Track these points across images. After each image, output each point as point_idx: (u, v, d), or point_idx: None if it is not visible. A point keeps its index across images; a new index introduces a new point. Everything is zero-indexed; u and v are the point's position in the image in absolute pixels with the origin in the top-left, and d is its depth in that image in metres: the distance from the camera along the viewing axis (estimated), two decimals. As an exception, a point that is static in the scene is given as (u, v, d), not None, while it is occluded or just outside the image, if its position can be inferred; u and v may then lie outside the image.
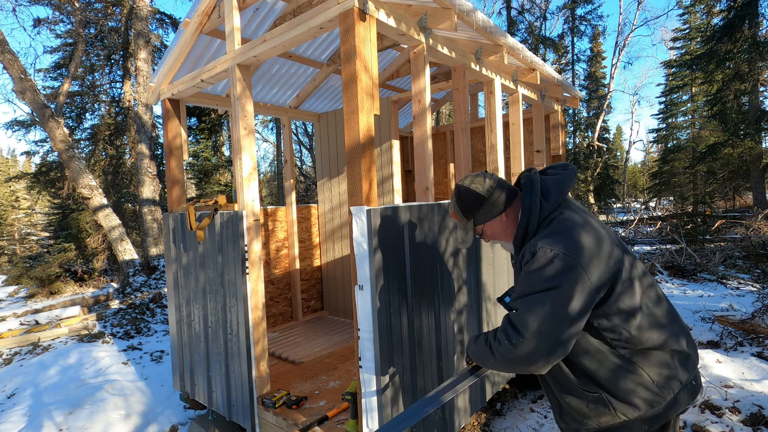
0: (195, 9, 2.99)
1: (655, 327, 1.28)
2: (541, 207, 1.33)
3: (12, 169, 34.87)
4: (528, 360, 1.21)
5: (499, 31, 2.96)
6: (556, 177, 1.39)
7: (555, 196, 1.34)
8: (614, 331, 1.27)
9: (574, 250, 1.22)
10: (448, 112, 18.91)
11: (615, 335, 1.27)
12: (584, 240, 1.24)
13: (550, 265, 1.21)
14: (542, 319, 1.19)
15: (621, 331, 1.26)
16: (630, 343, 1.27)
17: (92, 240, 9.89)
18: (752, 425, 2.51)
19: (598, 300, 1.24)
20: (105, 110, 13.20)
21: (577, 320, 1.19)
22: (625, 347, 1.28)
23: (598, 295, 1.22)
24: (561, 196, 1.35)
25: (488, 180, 1.46)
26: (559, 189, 1.35)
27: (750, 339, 4.21)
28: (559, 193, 1.35)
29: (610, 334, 1.27)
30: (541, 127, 4.49)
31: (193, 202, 3.08)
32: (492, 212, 1.44)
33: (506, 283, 3.41)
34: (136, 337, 5.96)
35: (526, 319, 1.21)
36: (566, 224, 1.29)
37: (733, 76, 11.51)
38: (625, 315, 1.26)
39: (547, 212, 1.33)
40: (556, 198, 1.34)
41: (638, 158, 62.31)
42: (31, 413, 3.83)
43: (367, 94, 2.13)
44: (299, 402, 2.67)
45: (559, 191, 1.35)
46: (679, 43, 20.79)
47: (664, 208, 18.27)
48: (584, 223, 1.29)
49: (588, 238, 1.25)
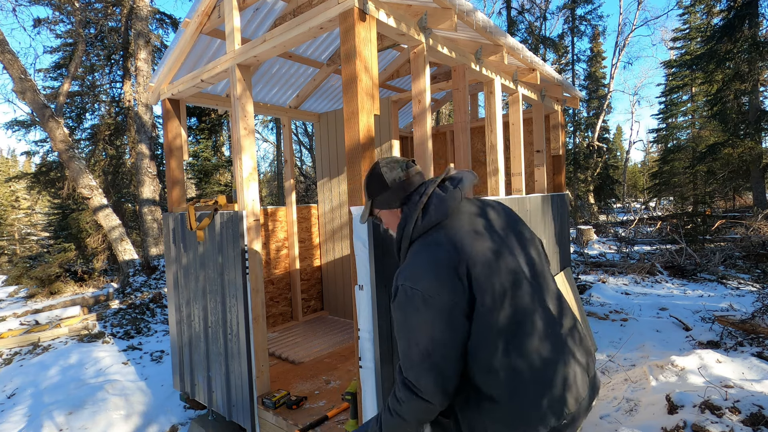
0: (195, 9, 2.99)
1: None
2: (415, 224, 1.29)
3: (12, 169, 34.87)
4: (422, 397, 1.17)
5: (499, 31, 2.96)
6: (440, 196, 1.32)
7: (433, 216, 1.28)
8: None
9: (417, 279, 1.18)
10: (448, 112, 18.91)
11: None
12: (428, 265, 1.19)
13: (403, 299, 1.19)
14: (419, 350, 1.16)
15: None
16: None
17: (92, 240, 9.89)
18: (752, 425, 2.51)
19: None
20: (105, 110, 13.20)
21: (447, 344, 1.16)
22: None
23: (461, 312, 1.17)
24: (439, 216, 1.28)
25: (401, 171, 1.39)
26: (439, 209, 1.28)
27: (750, 339, 4.21)
28: (437, 212, 1.28)
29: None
30: (541, 127, 4.49)
31: (193, 202, 3.08)
32: (389, 203, 1.40)
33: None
34: (136, 337, 5.96)
35: (406, 356, 1.19)
36: (420, 248, 1.26)
37: (733, 76, 11.51)
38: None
39: (420, 230, 1.29)
40: (433, 217, 1.28)
41: (638, 158, 62.42)
42: (31, 413, 3.83)
43: (367, 95, 2.13)
44: (299, 402, 2.67)
45: (439, 211, 1.28)
46: (679, 43, 20.78)
47: (664, 208, 18.29)
48: (436, 245, 1.23)
49: (433, 262, 1.20)
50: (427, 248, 1.24)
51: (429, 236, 1.27)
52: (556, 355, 1.22)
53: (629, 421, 2.93)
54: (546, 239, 4.33)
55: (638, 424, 2.82)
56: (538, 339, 1.21)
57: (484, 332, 1.17)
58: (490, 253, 1.23)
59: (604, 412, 3.17)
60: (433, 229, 1.28)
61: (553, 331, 1.25)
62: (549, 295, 1.31)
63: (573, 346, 1.28)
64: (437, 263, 1.19)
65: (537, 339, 1.21)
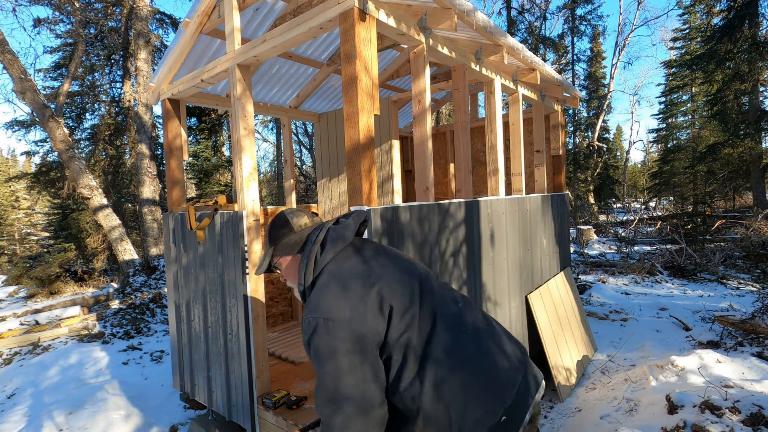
0: (195, 9, 2.99)
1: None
2: (315, 261, 1.33)
3: (12, 169, 34.87)
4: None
5: (499, 31, 2.96)
6: (335, 229, 1.38)
7: (329, 250, 1.33)
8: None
9: (329, 309, 1.19)
10: (448, 112, 18.91)
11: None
12: (336, 294, 1.22)
13: (318, 331, 1.19)
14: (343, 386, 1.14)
15: None
16: None
17: (92, 240, 9.89)
18: (752, 425, 2.51)
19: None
20: (105, 110, 13.20)
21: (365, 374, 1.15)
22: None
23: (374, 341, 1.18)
24: (336, 248, 1.34)
25: (307, 218, 1.48)
26: (335, 242, 1.34)
27: (750, 339, 4.21)
28: (334, 245, 1.34)
29: None
30: (541, 127, 4.49)
31: (193, 202, 3.08)
32: (291, 248, 1.44)
33: (506, 283, 3.41)
34: (136, 337, 5.96)
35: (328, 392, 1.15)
36: (323, 282, 1.28)
37: (733, 76, 11.52)
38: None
39: (320, 265, 1.32)
40: (330, 252, 1.33)
41: (638, 158, 62.44)
42: (31, 413, 3.84)
43: (367, 95, 2.13)
44: (299, 402, 2.67)
45: (335, 245, 1.34)
46: (679, 43, 20.79)
47: (664, 208, 18.30)
48: (338, 273, 1.28)
49: (340, 289, 1.23)
50: (332, 280, 1.27)
51: (329, 271, 1.30)
52: (479, 352, 1.25)
53: (629, 421, 2.93)
54: (546, 239, 4.33)
55: (638, 424, 2.82)
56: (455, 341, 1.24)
57: (397, 351, 1.20)
58: (390, 277, 1.28)
59: (604, 412, 3.17)
60: (331, 262, 1.32)
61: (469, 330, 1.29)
62: (451, 299, 1.35)
63: (493, 342, 1.30)
64: (345, 291, 1.22)
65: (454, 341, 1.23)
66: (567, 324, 4.16)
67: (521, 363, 1.29)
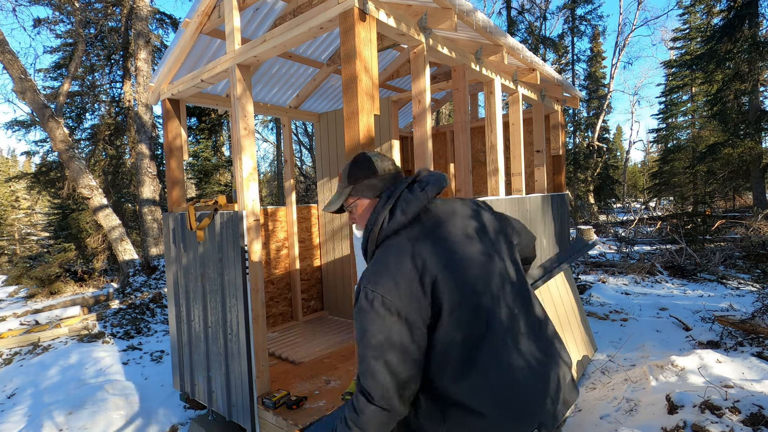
0: (195, 9, 2.99)
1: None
2: (381, 227, 1.24)
3: (12, 169, 34.87)
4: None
5: (499, 31, 2.96)
6: (407, 198, 1.26)
7: (398, 218, 1.23)
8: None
9: (378, 282, 1.13)
10: (448, 112, 18.91)
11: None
12: (391, 269, 1.15)
13: (364, 302, 1.14)
14: (381, 365, 1.10)
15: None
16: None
17: (92, 240, 9.89)
18: (752, 425, 2.51)
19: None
20: (105, 110, 13.20)
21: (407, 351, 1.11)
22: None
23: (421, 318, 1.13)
24: (404, 219, 1.23)
25: (391, 164, 1.37)
26: (405, 212, 1.23)
27: (750, 339, 4.21)
28: (404, 215, 1.23)
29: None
30: (541, 127, 4.49)
31: (193, 202, 3.08)
32: (371, 190, 1.32)
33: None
34: (136, 337, 5.96)
35: (367, 368, 1.12)
36: (384, 252, 1.20)
37: (733, 76, 11.53)
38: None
39: (386, 233, 1.24)
40: (399, 220, 1.23)
41: (638, 158, 62.44)
42: (31, 413, 3.84)
43: (367, 95, 2.13)
44: (299, 402, 2.67)
45: (405, 214, 1.23)
46: (679, 43, 20.79)
47: (664, 208, 18.30)
48: (398, 249, 1.18)
49: (396, 265, 1.15)
50: (390, 252, 1.19)
51: (393, 240, 1.22)
52: (535, 361, 1.18)
53: (629, 421, 2.94)
54: (546, 239, 4.33)
55: (638, 424, 2.83)
56: (514, 345, 1.17)
57: (447, 340, 1.14)
58: (460, 259, 1.18)
59: (604, 412, 3.17)
60: (400, 232, 1.23)
61: (532, 336, 1.22)
62: (524, 299, 1.28)
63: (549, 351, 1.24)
64: (400, 267, 1.14)
65: (512, 345, 1.17)
66: (567, 324, 4.16)
67: (558, 387, 1.21)
